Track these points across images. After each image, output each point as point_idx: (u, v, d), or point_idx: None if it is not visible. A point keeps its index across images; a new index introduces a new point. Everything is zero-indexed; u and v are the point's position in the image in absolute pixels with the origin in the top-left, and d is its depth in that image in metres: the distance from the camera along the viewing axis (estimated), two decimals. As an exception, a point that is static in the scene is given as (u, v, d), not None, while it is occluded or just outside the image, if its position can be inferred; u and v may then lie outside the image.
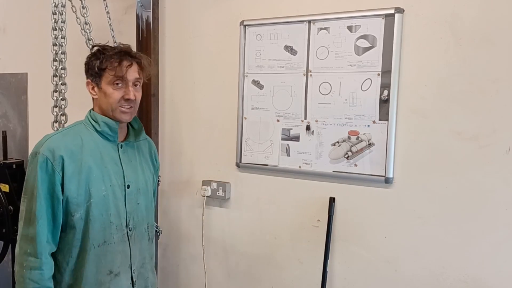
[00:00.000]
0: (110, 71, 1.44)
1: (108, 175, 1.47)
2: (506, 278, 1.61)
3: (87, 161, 1.42)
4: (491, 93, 1.59)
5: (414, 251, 1.75)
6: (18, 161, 2.36)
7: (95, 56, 1.47)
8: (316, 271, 1.92)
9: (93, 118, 1.49)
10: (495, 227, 1.61)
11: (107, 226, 1.46)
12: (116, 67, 1.43)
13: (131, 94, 1.47)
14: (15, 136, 2.78)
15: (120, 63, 1.44)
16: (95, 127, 1.48)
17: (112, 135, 1.50)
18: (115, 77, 1.43)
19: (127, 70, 1.45)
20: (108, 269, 1.47)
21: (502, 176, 1.59)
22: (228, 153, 2.11)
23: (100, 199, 1.44)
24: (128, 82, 1.46)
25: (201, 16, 2.14)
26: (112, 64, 1.43)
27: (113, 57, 1.44)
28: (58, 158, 1.37)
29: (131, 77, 1.46)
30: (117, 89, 1.45)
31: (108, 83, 1.45)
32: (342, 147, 1.84)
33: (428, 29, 1.67)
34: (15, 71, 2.76)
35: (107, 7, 2.12)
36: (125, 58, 1.45)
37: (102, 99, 1.47)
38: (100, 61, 1.44)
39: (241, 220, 2.12)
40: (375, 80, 1.75)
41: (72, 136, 1.45)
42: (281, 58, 1.93)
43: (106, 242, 1.46)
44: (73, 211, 1.40)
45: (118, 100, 1.45)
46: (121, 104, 1.46)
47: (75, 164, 1.40)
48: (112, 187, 1.48)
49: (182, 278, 2.31)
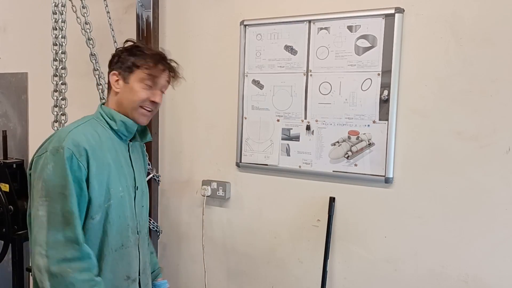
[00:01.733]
0: (145, 69, 1.39)
1: (124, 175, 1.41)
2: (505, 278, 1.61)
3: (107, 158, 1.34)
4: (491, 93, 1.59)
5: (414, 251, 1.75)
6: (18, 160, 2.35)
7: (130, 51, 1.42)
8: (316, 271, 1.92)
9: (108, 116, 1.41)
10: (495, 227, 1.61)
11: (124, 228, 1.39)
12: (152, 67, 1.40)
13: (157, 97, 1.43)
14: (15, 136, 2.79)
15: (156, 64, 1.41)
16: (111, 125, 1.41)
17: (127, 135, 1.45)
18: (148, 76, 1.39)
19: (161, 74, 1.43)
20: (126, 274, 1.40)
21: (502, 176, 1.59)
22: (228, 153, 2.11)
23: (118, 200, 1.36)
24: (158, 85, 1.43)
25: (201, 15, 2.14)
26: (148, 64, 1.40)
27: (152, 57, 1.41)
28: (84, 153, 1.27)
29: (162, 82, 1.44)
30: (146, 89, 1.40)
31: (138, 80, 1.39)
32: (342, 147, 1.84)
33: (428, 29, 1.67)
34: (15, 71, 2.76)
35: (107, 6, 2.12)
36: (162, 62, 1.43)
37: (125, 94, 1.40)
38: (137, 57, 1.40)
39: (241, 220, 2.12)
40: (375, 80, 1.75)
41: (90, 131, 1.35)
42: (281, 58, 1.93)
43: (123, 245, 1.38)
44: (94, 213, 1.30)
45: (143, 100, 1.40)
46: (144, 105, 1.41)
47: (97, 161, 1.31)
48: (128, 188, 1.42)
49: (182, 278, 2.31)
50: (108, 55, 1.58)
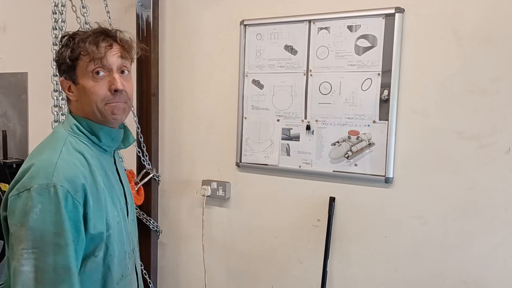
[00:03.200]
0: (84, 57, 1.08)
1: (116, 196, 1.18)
2: (506, 278, 1.61)
3: (100, 183, 1.10)
4: (491, 93, 1.59)
5: (414, 251, 1.75)
6: (18, 160, 2.36)
7: (65, 46, 1.11)
8: (316, 271, 1.92)
9: (87, 129, 1.14)
10: (495, 227, 1.61)
11: (123, 258, 1.18)
12: (91, 50, 1.08)
13: (118, 83, 1.10)
14: (15, 136, 2.78)
15: (94, 43, 1.08)
16: (93, 140, 1.15)
17: (112, 145, 1.20)
18: (92, 63, 1.08)
19: (107, 52, 1.09)
20: None
21: (502, 176, 1.59)
22: (228, 153, 2.11)
23: (115, 227, 1.14)
24: (111, 68, 1.11)
25: (201, 15, 2.14)
26: (85, 48, 1.08)
27: (86, 39, 1.09)
28: (81, 189, 1.03)
29: (114, 61, 1.11)
30: (99, 80, 1.09)
31: (85, 75, 1.09)
32: (342, 147, 1.84)
33: (429, 29, 1.67)
34: (15, 71, 2.76)
35: (107, 6, 2.12)
36: (102, 38, 1.10)
37: (82, 98, 1.11)
38: (71, 49, 1.09)
39: (241, 219, 2.12)
40: (375, 79, 1.75)
41: (75, 155, 1.08)
42: (281, 58, 1.93)
43: (123, 276, 1.18)
44: (97, 250, 1.08)
45: (104, 95, 1.10)
46: (108, 100, 1.10)
47: (94, 194, 1.07)
48: (122, 210, 1.20)
49: (182, 277, 2.31)
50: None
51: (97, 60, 1.08)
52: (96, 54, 1.08)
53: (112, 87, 1.10)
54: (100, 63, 1.09)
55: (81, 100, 1.13)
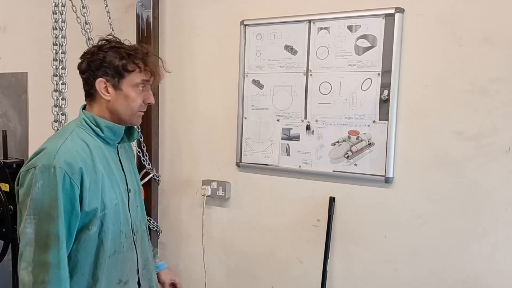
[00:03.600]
0: (138, 73, 1.33)
1: (116, 181, 1.37)
2: (506, 278, 1.61)
3: (99, 169, 1.30)
4: (491, 93, 1.59)
5: (414, 251, 1.75)
6: (18, 160, 2.35)
7: (112, 52, 1.32)
8: (316, 271, 1.92)
9: (92, 122, 1.34)
10: (495, 227, 1.61)
11: (117, 235, 1.36)
12: (144, 69, 1.34)
13: (152, 98, 1.40)
14: (15, 136, 2.79)
15: (146, 65, 1.34)
16: (97, 132, 1.34)
17: (115, 139, 1.39)
18: (141, 80, 1.33)
19: (153, 74, 1.37)
20: (118, 278, 1.37)
21: (502, 176, 1.59)
22: (228, 153, 2.11)
23: (112, 208, 1.33)
24: (150, 85, 1.39)
25: (201, 15, 2.14)
26: (139, 66, 1.33)
27: (140, 58, 1.33)
28: (78, 171, 1.22)
29: (153, 80, 1.39)
30: (140, 92, 1.35)
31: (132, 85, 1.33)
32: (342, 147, 1.84)
33: (429, 29, 1.67)
34: (15, 71, 2.76)
35: (107, 6, 2.12)
36: (148, 59, 1.36)
37: (120, 102, 1.34)
38: (124, 60, 1.31)
39: (241, 219, 2.12)
40: (375, 80, 1.75)
41: (79, 143, 1.29)
42: (281, 58, 1.93)
43: (116, 251, 1.36)
44: (91, 225, 1.27)
45: (139, 105, 1.36)
46: (140, 109, 1.38)
47: (91, 176, 1.27)
48: (120, 194, 1.38)
49: (182, 277, 2.30)
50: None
51: (147, 79, 1.35)
52: (147, 75, 1.35)
53: (146, 100, 1.38)
54: (147, 82, 1.36)
55: (116, 103, 1.34)
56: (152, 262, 1.62)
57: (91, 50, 1.35)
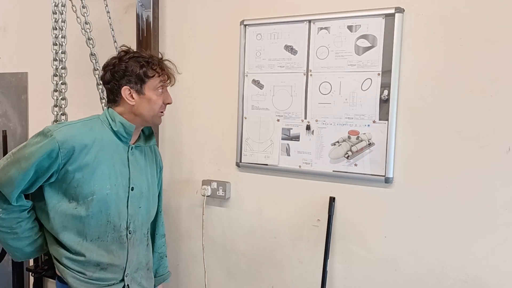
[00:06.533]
0: (156, 78, 1.50)
1: (114, 174, 1.47)
2: (506, 278, 1.61)
3: (98, 156, 1.43)
4: (491, 93, 1.59)
5: (414, 251, 1.75)
6: (18, 160, 2.36)
7: (133, 62, 1.48)
8: (316, 271, 1.92)
9: (110, 117, 1.50)
10: (495, 227, 1.61)
11: (103, 224, 1.47)
12: (161, 73, 1.52)
13: (170, 99, 1.58)
14: (15, 136, 2.79)
15: (162, 69, 1.52)
16: (111, 126, 1.49)
17: (126, 137, 1.51)
18: (160, 83, 1.51)
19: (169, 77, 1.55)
20: (97, 262, 1.48)
21: (502, 176, 1.59)
22: (228, 153, 2.11)
23: (102, 196, 1.44)
24: (166, 87, 1.56)
25: (201, 15, 2.14)
26: (157, 71, 1.50)
27: (156, 64, 1.51)
28: (69, 149, 1.38)
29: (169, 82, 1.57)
30: (160, 95, 1.53)
31: (153, 89, 1.50)
32: (342, 147, 1.84)
33: (428, 29, 1.67)
34: (15, 71, 2.76)
35: (107, 6, 2.12)
36: (164, 64, 1.54)
37: (143, 105, 1.50)
38: (143, 67, 1.48)
39: (241, 219, 2.12)
40: (375, 79, 1.75)
41: (89, 128, 1.45)
42: (281, 58, 1.93)
43: (99, 238, 1.48)
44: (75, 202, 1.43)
45: (160, 105, 1.53)
46: (161, 109, 1.55)
47: (87, 158, 1.41)
48: (117, 187, 1.48)
49: (182, 277, 2.31)
50: (108, 55, 1.58)
51: (165, 82, 1.54)
52: (164, 78, 1.53)
53: (166, 101, 1.56)
54: (165, 84, 1.54)
55: (140, 106, 1.50)
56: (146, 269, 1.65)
57: (113, 62, 1.51)
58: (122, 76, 1.48)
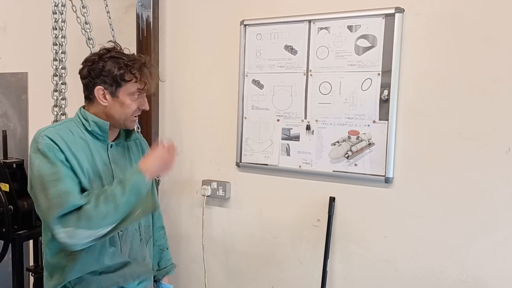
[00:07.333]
0: (134, 83, 1.41)
1: (98, 174, 1.42)
2: (506, 278, 1.61)
3: (80, 156, 1.38)
4: (491, 93, 1.59)
5: (414, 251, 1.75)
6: (18, 160, 2.35)
7: (111, 61, 1.40)
8: (316, 271, 1.92)
9: (83, 117, 1.44)
10: (495, 227, 1.61)
11: None
12: (140, 79, 1.42)
13: (147, 105, 1.49)
14: (15, 136, 2.79)
15: (142, 75, 1.42)
16: (85, 126, 1.44)
17: (102, 135, 1.46)
18: (137, 88, 1.42)
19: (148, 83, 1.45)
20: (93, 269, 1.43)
21: (502, 176, 1.59)
22: (228, 153, 2.11)
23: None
24: (143, 93, 1.47)
25: (201, 15, 2.14)
26: (136, 76, 1.41)
27: (137, 68, 1.42)
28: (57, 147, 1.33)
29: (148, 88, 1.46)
30: (135, 100, 1.44)
31: (128, 94, 1.42)
32: (342, 147, 1.84)
33: (428, 29, 1.67)
34: (15, 71, 2.76)
35: (107, 6, 2.12)
36: (145, 69, 1.44)
37: (116, 108, 1.43)
38: (121, 69, 1.39)
39: (241, 219, 2.12)
40: (375, 79, 1.75)
41: (65, 131, 1.40)
42: (281, 58, 1.93)
43: None
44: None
45: (134, 110, 1.45)
46: (135, 114, 1.48)
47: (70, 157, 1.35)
48: (103, 185, 1.42)
49: (182, 277, 2.31)
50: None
51: (142, 89, 1.43)
52: (142, 84, 1.43)
53: (141, 107, 1.48)
54: (142, 91, 1.44)
55: (112, 108, 1.43)
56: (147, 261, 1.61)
57: (92, 58, 1.44)
58: (98, 75, 1.40)
